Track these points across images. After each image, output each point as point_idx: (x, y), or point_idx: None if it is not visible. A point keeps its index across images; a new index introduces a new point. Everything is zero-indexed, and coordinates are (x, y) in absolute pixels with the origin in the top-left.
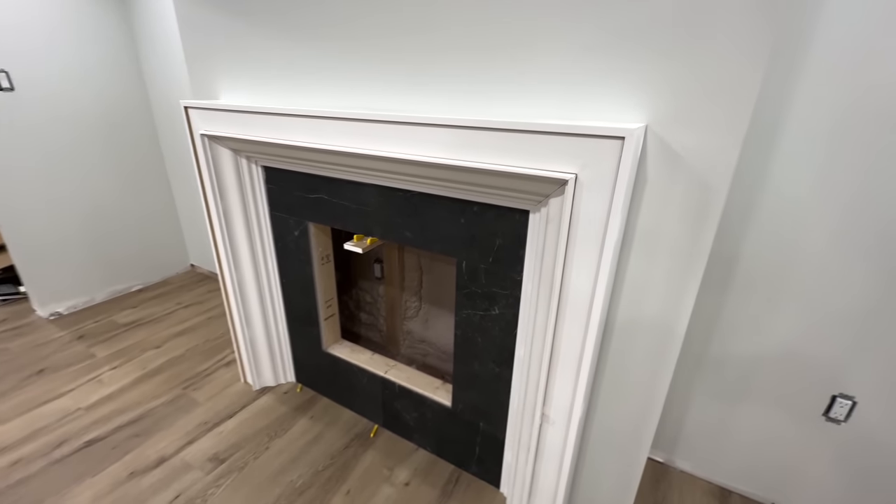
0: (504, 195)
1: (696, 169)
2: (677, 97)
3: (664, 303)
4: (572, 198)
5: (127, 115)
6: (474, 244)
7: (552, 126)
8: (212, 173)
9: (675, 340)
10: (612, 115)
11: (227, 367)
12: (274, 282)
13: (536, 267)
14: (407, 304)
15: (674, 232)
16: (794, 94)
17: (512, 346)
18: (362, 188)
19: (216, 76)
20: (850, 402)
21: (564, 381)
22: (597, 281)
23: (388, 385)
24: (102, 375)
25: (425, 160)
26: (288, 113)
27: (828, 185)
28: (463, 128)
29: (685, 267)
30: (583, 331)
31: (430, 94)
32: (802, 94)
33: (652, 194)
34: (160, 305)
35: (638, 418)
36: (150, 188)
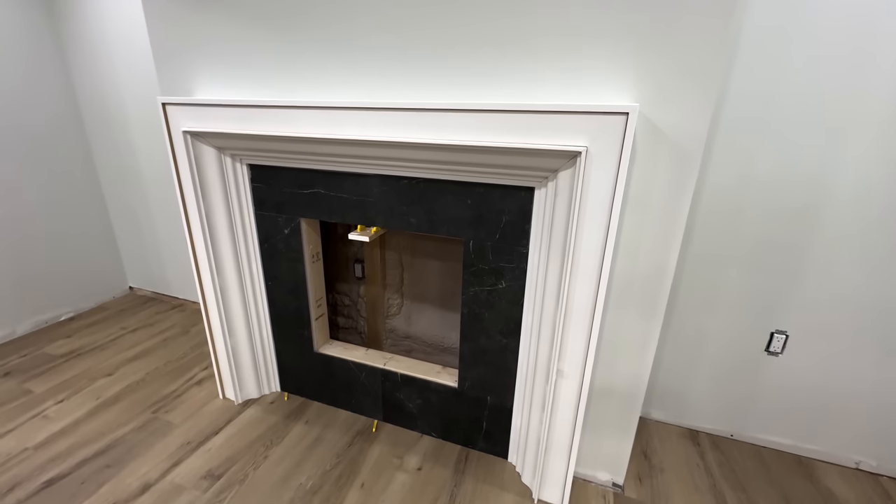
0: (511, 174)
1: (676, 141)
2: (657, 81)
3: (653, 257)
4: (583, 168)
5: (54, 128)
6: (481, 224)
7: (565, 106)
8: (194, 174)
9: (663, 290)
10: (602, 98)
11: (199, 385)
12: (259, 285)
13: (545, 237)
14: (389, 301)
15: (659, 195)
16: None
17: (519, 316)
18: (363, 179)
19: (191, 72)
20: (784, 336)
21: (577, 336)
22: (606, 241)
23: (389, 376)
24: (47, 411)
25: (447, 143)
26: (294, 105)
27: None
28: (485, 111)
29: (670, 225)
30: (594, 287)
31: (432, 87)
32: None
33: (641, 165)
34: (101, 332)
35: (634, 366)
36: (81, 206)
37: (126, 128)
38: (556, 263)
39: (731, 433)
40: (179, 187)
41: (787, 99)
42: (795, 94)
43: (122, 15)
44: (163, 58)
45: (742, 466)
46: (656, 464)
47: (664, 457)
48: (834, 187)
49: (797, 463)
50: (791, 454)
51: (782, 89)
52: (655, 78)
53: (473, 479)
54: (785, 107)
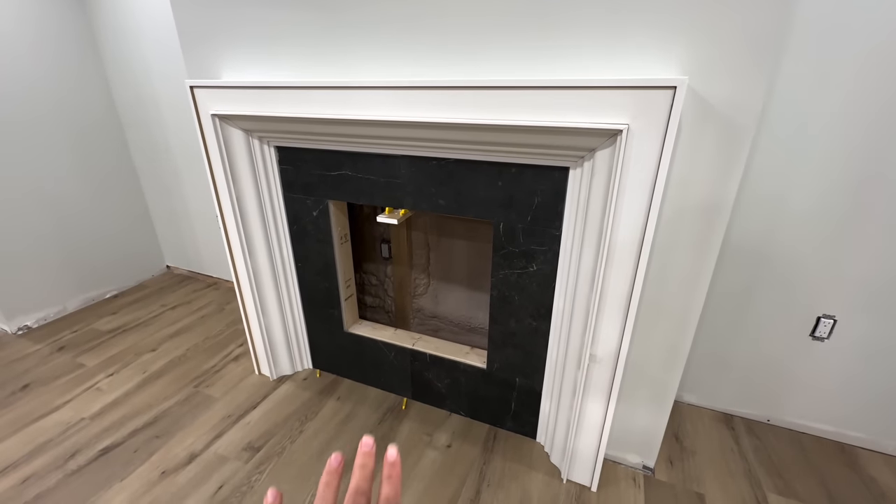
0: (545, 154)
1: (726, 115)
2: (707, 47)
3: (695, 242)
4: (625, 147)
5: (92, 117)
6: (512, 205)
7: (605, 81)
8: (223, 157)
9: (705, 273)
10: (644, 69)
11: (236, 361)
12: (289, 266)
13: (579, 219)
14: (416, 281)
15: (704, 176)
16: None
17: (550, 300)
18: (391, 160)
19: (218, 54)
20: (831, 320)
21: (612, 322)
22: (646, 226)
23: (418, 356)
24: (100, 383)
25: (478, 123)
26: (320, 85)
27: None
28: (518, 88)
29: (714, 207)
30: (631, 273)
31: (460, 64)
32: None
33: (684, 143)
34: (143, 309)
35: (671, 348)
36: (119, 190)
37: (157, 108)
38: (592, 247)
39: (768, 418)
40: (210, 170)
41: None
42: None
43: (152, 3)
44: (189, 39)
45: (779, 452)
46: (688, 447)
47: (696, 440)
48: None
49: (839, 450)
50: (832, 441)
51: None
52: (705, 44)
53: (502, 458)
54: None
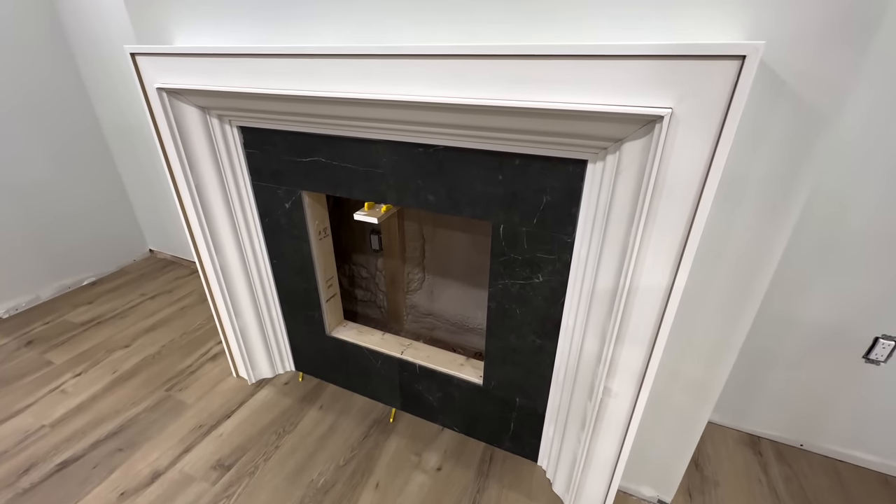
0: (559, 143)
1: (804, 96)
2: (779, 9)
3: (745, 257)
4: (664, 140)
5: (51, 85)
6: (514, 204)
7: (645, 48)
8: (176, 138)
9: (753, 298)
10: (697, 31)
11: (213, 360)
12: (263, 263)
13: (598, 225)
14: (409, 276)
15: (764, 177)
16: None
17: (557, 317)
18: (371, 146)
19: (168, 14)
20: (892, 342)
21: (633, 354)
22: (687, 242)
23: (407, 366)
24: (65, 385)
25: (475, 103)
26: (277, 53)
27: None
28: (525, 57)
29: (776, 216)
30: (663, 299)
31: (455, 24)
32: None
33: (744, 132)
34: (121, 298)
35: (702, 378)
36: (93, 169)
37: (126, 80)
38: (613, 261)
39: (801, 443)
40: (164, 154)
41: None
42: None
43: None
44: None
45: (813, 483)
46: (710, 475)
47: (719, 467)
48: None
49: (881, 482)
50: (875, 472)
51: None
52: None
53: (498, 484)
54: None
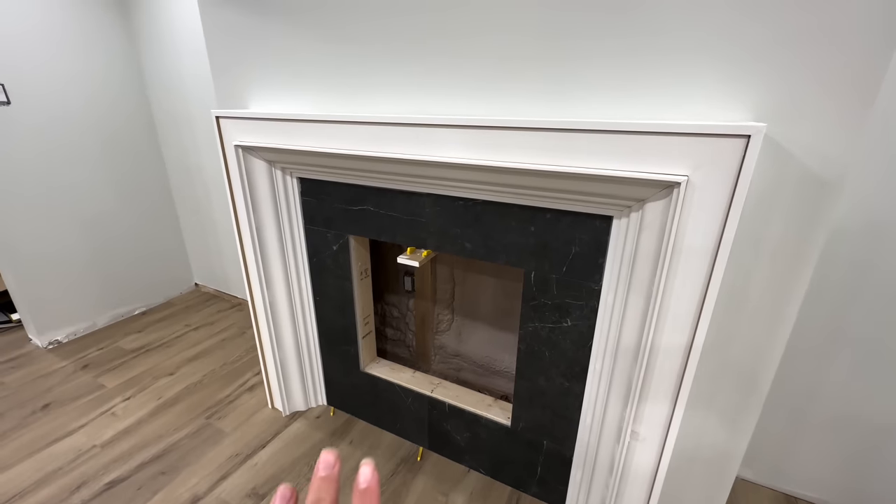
0: (586, 201)
1: (811, 168)
2: (791, 88)
3: (764, 311)
4: (682, 202)
5: (128, 128)
6: (545, 253)
7: (664, 126)
8: (245, 186)
9: (774, 354)
10: (713, 112)
11: (250, 391)
12: (307, 300)
13: (623, 276)
14: (439, 317)
15: (778, 239)
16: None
17: (585, 360)
18: (415, 198)
19: (246, 83)
20: None
21: (659, 400)
22: (706, 296)
23: (436, 405)
24: (115, 408)
25: (510, 166)
26: (344, 120)
27: None
28: (561, 130)
29: (791, 272)
30: (685, 347)
31: (496, 98)
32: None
33: (756, 198)
34: (168, 329)
35: (728, 433)
36: (152, 203)
37: (192, 128)
38: (638, 309)
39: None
40: (232, 199)
41: None
42: None
43: (192, 17)
44: (219, 69)
45: None
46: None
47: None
48: None
49: None
50: None
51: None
52: (787, 81)
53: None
54: None
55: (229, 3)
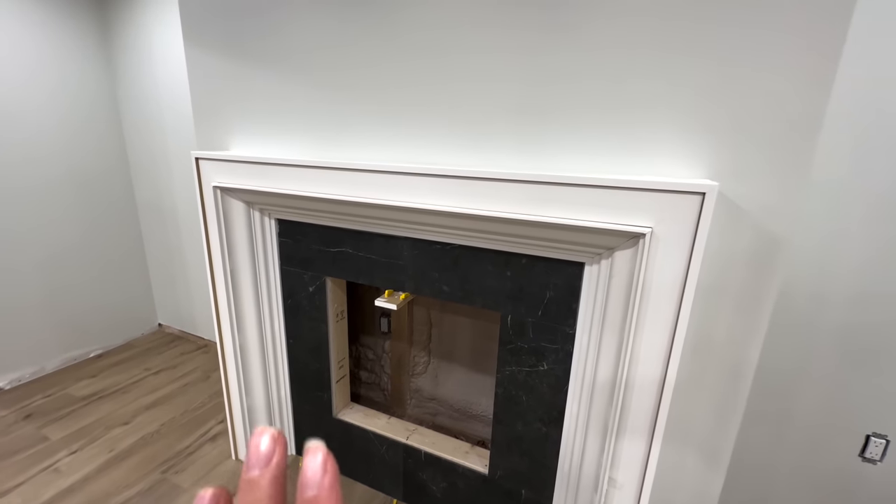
0: (559, 248)
1: (760, 221)
2: (735, 154)
3: (729, 356)
4: (647, 251)
5: (99, 166)
6: (521, 298)
7: (630, 181)
8: (221, 226)
9: (743, 385)
10: (673, 169)
11: (212, 441)
12: (280, 342)
13: (596, 320)
14: (415, 359)
15: (738, 286)
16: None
17: (562, 404)
18: (394, 241)
19: (227, 127)
20: (883, 441)
21: (636, 441)
22: (673, 339)
23: (412, 452)
24: (59, 463)
25: (486, 214)
26: (324, 165)
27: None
28: (537, 183)
29: (751, 319)
30: (657, 389)
31: (469, 151)
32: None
33: (716, 249)
34: (125, 373)
35: (702, 475)
36: (119, 243)
37: (168, 167)
38: (611, 353)
39: None
40: (206, 239)
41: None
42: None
43: (173, 61)
44: (201, 112)
45: None
46: None
47: None
48: None
49: None
50: None
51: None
52: (739, 146)
53: None
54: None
55: (214, 51)
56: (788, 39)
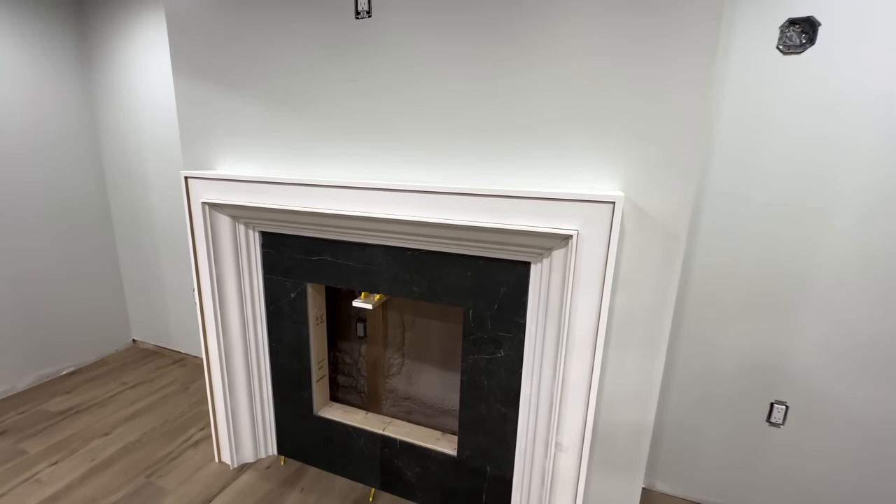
0: (509, 250)
1: (663, 224)
2: (641, 170)
3: (647, 331)
4: (576, 249)
5: (76, 184)
6: (480, 294)
7: (559, 193)
8: (209, 240)
9: (659, 356)
10: (596, 183)
11: (195, 447)
12: (263, 346)
13: (541, 310)
14: (390, 361)
15: (650, 274)
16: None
17: (517, 386)
18: (369, 249)
19: (213, 148)
20: (784, 406)
21: (575, 409)
22: (599, 317)
23: (388, 442)
24: (40, 474)
25: (447, 223)
26: (305, 183)
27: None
28: (482, 195)
29: (660, 303)
30: (589, 363)
31: (432, 168)
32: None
33: (630, 245)
34: (101, 388)
35: (633, 435)
36: (95, 262)
37: (146, 186)
38: (553, 336)
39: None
40: (194, 251)
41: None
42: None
43: (152, 85)
44: (189, 134)
45: None
46: None
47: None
48: (816, 260)
49: None
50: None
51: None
52: (643, 166)
53: None
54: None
55: (202, 79)
56: (676, 96)
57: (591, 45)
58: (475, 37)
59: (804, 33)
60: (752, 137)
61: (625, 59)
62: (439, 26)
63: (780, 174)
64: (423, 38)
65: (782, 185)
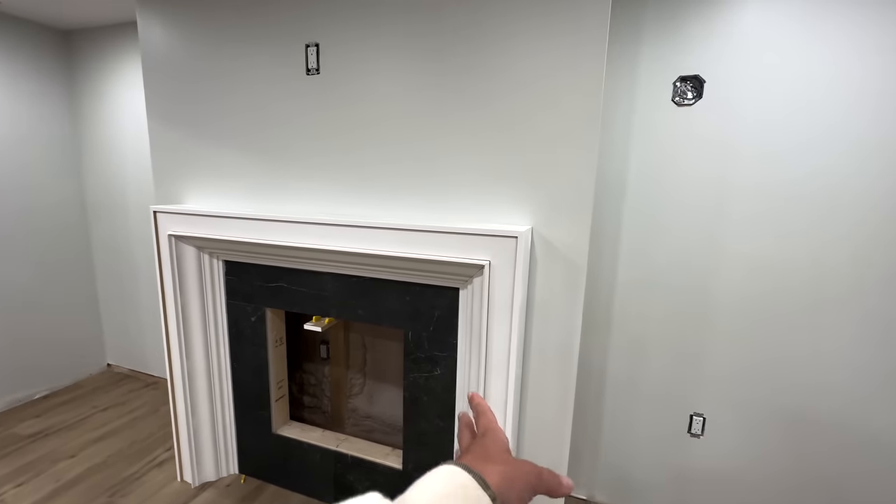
0: (440, 276)
1: (566, 255)
2: (547, 209)
3: (560, 350)
4: (489, 277)
5: (56, 210)
6: (418, 317)
7: (472, 229)
8: (174, 269)
9: (572, 372)
10: (510, 218)
11: (159, 467)
12: (225, 368)
13: (468, 331)
14: (352, 381)
15: (559, 299)
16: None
17: (452, 402)
18: (320, 276)
19: (183, 184)
20: (702, 418)
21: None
22: (511, 337)
23: (341, 458)
24: (4, 496)
25: (381, 253)
26: (263, 218)
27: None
28: (409, 230)
29: (569, 323)
30: (505, 380)
31: (377, 204)
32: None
33: (541, 274)
34: (72, 411)
35: (555, 444)
36: (72, 287)
37: (126, 213)
38: (476, 356)
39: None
40: (161, 279)
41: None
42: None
43: (135, 119)
44: (160, 173)
45: None
46: None
47: None
48: (720, 272)
49: None
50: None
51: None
52: (550, 207)
53: None
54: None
55: (173, 125)
56: (564, 156)
57: (504, 116)
58: (411, 99)
59: (694, 88)
60: (657, 178)
61: (528, 134)
62: (380, 90)
63: (683, 207)
64: (365, 96)
65: (686, 215)
